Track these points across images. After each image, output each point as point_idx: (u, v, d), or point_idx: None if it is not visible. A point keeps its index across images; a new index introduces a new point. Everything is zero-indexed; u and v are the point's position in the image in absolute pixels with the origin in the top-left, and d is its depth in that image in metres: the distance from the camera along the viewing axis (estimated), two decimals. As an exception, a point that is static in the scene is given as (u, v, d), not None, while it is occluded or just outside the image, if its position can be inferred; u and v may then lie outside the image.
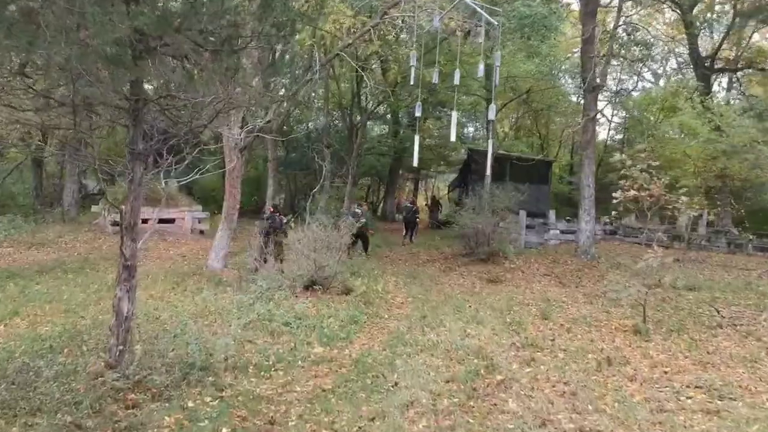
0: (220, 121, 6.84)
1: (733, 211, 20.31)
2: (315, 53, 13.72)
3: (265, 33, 5.84)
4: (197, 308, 9.90)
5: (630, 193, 9.49)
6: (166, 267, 14.65)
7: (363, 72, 14.85)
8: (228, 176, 13.83)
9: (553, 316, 10.89)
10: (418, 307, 11.51)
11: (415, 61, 9.52)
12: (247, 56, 5.99)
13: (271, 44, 6.06)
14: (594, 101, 17.49)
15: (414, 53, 9.43)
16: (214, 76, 5.46)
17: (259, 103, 6.36)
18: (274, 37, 6.00)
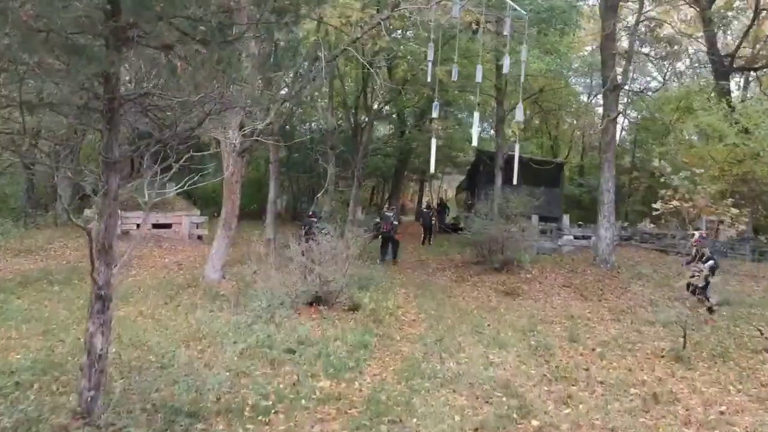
0: (214, 124, 5.88)
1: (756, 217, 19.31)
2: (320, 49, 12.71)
3: (264, 20, 4.89)
4: (190, 330, 8.94)
5: (672, 203, 8.50)
6: (160, 277, 13.71)
7: (371, 69, 13.88)
8: (226, 181, 12.88)
9: (581, 338, 9.91)
10: (432, 325, 10.54)
11: (432, 56, 8.54)
12: (244, 48, 5.01)
13: (272, 34, 5.09)
14: (615, 101, 16.53)
15: (431, 46, 8.45)
16: (202, 71, 4.50)
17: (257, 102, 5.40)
18: (274, 25, 5.04)
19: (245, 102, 5.12)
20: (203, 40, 4.73)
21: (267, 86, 6.27)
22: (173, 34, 4.79)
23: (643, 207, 29.22)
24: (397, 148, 29.66)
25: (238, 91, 5.09)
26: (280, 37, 5.45)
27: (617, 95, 16.75)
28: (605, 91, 15.95)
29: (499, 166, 21.53)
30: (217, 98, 4.78)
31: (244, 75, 4.78)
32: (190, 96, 4.57)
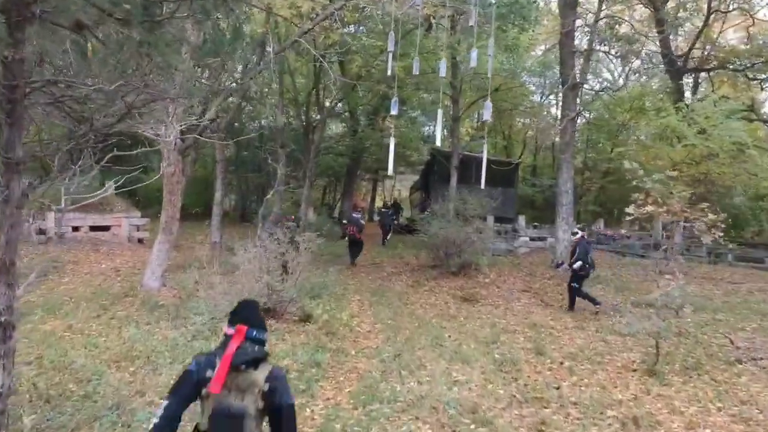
0: (144, 119, 5.05)
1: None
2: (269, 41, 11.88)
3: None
4: (122, 348, 8.03)
5: (646, 208, 7.99)
6: (94, 285, 12.66)
7: (323, 62, 13.11)
8: (166, 181, 11.94)
9: (547, 350, 9.35)
10: (390, 337, 9.84)
11: (392, 46, 7.83)
12: (178, 31, 4.21)
13: (209, 15, 4.30)
14: (574, 100, 16.11)
15: (392, 35, 7.74)
16: (121, 55, 3.70)
17: (190, 94, 4.61)
18: (211, 3, 4.27)
19: (177, 93, 4.32)
20: (125, 20, 3.93)
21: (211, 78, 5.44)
22: (89, 11, 3.97)
23: (596, 207, 29.26)
24: (349, 147, 28.89)
25: (168, 80, 4.29)
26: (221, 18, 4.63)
27: (576, 94, 16.34)
28: (565, 89, 15.52)
29: (454, 166, 20.99)
30: (140, 88, 3.97)
31: (174, 61, 3.98)
32: (103, 85, 3.75)
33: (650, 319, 8.49)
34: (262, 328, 3.32)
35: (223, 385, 3.03)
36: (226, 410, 3.05)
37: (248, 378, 3.10)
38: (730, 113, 16.06)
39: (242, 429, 3.06)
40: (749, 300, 13.65)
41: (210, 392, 3.03)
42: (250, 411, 3.08)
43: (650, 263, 18.23)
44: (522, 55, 19.50)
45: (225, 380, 3.04)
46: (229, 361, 3.06)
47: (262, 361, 3.20)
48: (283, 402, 3.12)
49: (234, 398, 3.08)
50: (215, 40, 4.08)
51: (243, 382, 3.09)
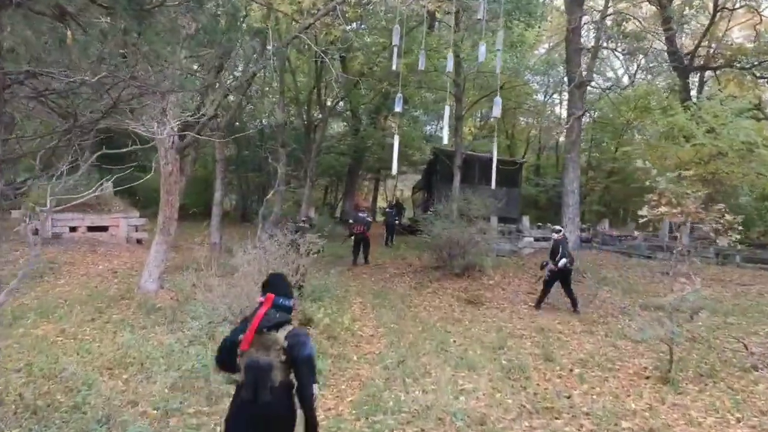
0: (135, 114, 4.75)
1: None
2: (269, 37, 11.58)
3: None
4: (116, 355, 7.73)
5: (660, 209, 7.67)
6: (90, 287, 12.36)
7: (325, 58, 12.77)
8: (164, 181, 11.65)
9: (556, 355, 9.04)
10: (393, 342, 9.54)
11: (397, 40, 7.51)
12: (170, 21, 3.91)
13: (202, 3, 4.00)
14: (581, 98, 15.79)
15: (397, 29, 7.42)
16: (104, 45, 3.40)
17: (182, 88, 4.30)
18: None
19: (168, 87, 4.02)
20: (109, 7, 3.64)
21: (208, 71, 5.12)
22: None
23: (600, 207, 28.91)
24: (351, 146, 28.58)
25: (158, 73, 3.99)
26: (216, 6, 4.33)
27: (583, 92, 16.02)
28: (571, 88, 15.20)
29: (457, 165, 20.67)
30: (126, 81, 3.67)
31: (164, 53, 3.68)
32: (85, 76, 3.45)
33: (663, 325, 8.12)
34: (287, 296, 4.13)
35: (250, 344, 3.89)
36: (255, 363, 3.89)
37: (271, 338, 3.89)
38: (739, 112, 15.73)
39: (269, 378, 3.87)
40: (760, 302, 13.33)
41: (241, 350, 3.91)
42: (274, 363, 3.88)
43: (657, 264, 17.99)
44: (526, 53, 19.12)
45: (252, 341, 3.88)
46: (255, 325, 3.89)
47: (286, 323, 4.00)
48: (300, 355, 3.84)
49: (261, 354, 3.89)
50: (209, 29, 3.77)
51: (267, 341, 3.89)
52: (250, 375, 3.90)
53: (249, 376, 3.91)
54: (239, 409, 4.01)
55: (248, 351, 3.90)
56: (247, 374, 3.93)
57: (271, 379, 3.87)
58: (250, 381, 3.90)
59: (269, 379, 3.87)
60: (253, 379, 3.88)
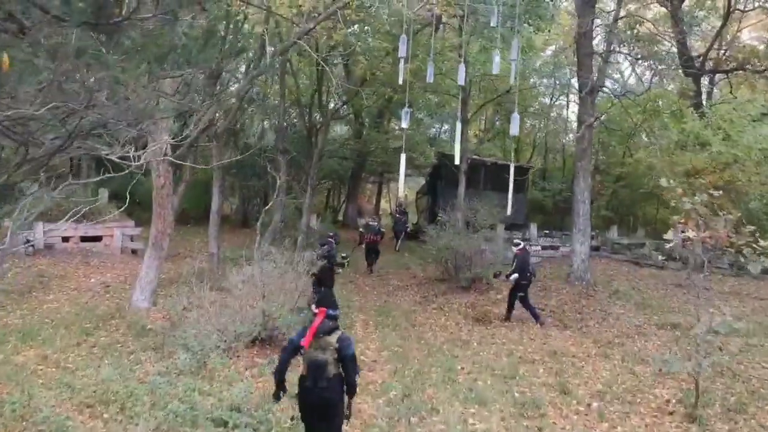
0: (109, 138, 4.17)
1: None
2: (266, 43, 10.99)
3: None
4: (98, 390, 7.14)
5: (688, 233, 7.06)
6: (81, 303, 11.80)
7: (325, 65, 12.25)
8: (156, 194, 11.09)
9: (571, 386, 8.44)
10: (397, 369, 8.94)
11: (404, 51, 6.90)
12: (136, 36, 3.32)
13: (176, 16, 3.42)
14: (592, 105, 15.16)
15: (404, 39, 6.81)
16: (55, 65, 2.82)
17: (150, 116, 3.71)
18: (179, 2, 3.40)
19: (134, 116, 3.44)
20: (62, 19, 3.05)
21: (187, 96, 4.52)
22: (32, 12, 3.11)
23: (608, 212, 28.23)
24: (354, 150, 27.95)
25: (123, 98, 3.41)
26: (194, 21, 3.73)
27: (594, 98, 15.39)
28: (584, 93, 14.58)
29: (462, 171, 20.07)
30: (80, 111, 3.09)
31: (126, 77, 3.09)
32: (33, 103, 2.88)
33: (690, 359, 7.51)
34: (335, 308, 5.52)
35: (310, 345, 5.17)
36: (315, 360, 5.19)
37: (326, 341, 5.21)
38: (756, 117, 15.10)
39: (325, 371, 5.17)
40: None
41: (304, 350, 5.21)
42: (329, 360, 5.18)
43: (670, 275, 17.36)
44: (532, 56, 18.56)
45: (311, 343, 5.17)
46: (314, 331, 5.20)
47: (336, 329, 5.34)
48: (347, 354, 5.20)
49: (318, 353, 5.19)
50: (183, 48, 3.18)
51: (323, 343, 5.21)
52: (311, 368, 5.27)
53: (310, 369, 5.28)
54: (303, 394, 5.41)
55: (309, 351, 5.24)
56: (308, 368, 5.30)
57: (327, 371, 5.22)
58: (311, 373, 5.27)
59: (325, 371, 5.22)
60: (313, 371, 5.25)
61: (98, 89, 3.35)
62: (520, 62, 18.16)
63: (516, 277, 12.06)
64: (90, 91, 3.06)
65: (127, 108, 3.30)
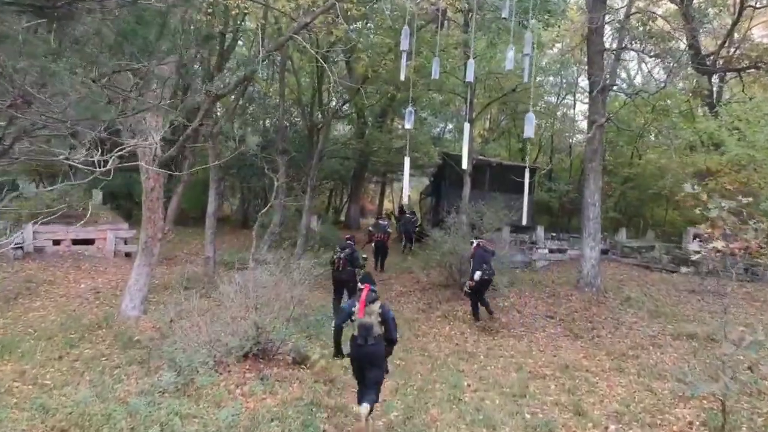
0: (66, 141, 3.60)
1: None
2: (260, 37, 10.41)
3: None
4: (75, 411, 6.59)
5: (716, 244, 6.47)
6: (68, 311, 11.26)
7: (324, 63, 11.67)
8: (145, 198, 10.54)
9: (586, 405, 7.87)
10: (399, 386, 8.38)
11: (407, 45, 6.31)
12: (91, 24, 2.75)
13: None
14: (603, 104, 14.55)
15: (406, 30, 6.23)
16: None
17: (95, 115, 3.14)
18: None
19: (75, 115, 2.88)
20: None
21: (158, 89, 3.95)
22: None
23: (616, 214, 27.61)
24: (356, 150, 27.36)
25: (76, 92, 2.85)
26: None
27: (605, 98, 14.78)
28: (596, 92, 13.96)
29: (467, 172, 19.48)
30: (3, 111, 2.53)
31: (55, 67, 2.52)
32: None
33: (717, 381, 6.91)
34: (373, 284, 7.07)
35: (361, 312, 6.64)
36: (364, 324, 6.62)
37: (372, 308, 6.70)
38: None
39: (372, 331, 6.60)
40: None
41: (357, 316, 6.64)
42: (374, 323, 6.63)
43: (682, 280, 16.78)
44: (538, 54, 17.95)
45: (363, 310, 6.64)
46: (363, 302, 6.69)
47: (377, 299, 6.84)
48: (388, 317, 6.69)
49: (366, 318, 6.63)
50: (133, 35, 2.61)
51: (369, 310, 6.68)
52: (362, 330, 6.64)
53: (361, 330, 6.65)
54: (355, 350, 6.74)
55: (360, 317, 6.65)
56: (359, 330, 6.66)
57: (373, 331, 6.63)
58: (362, 333, 6.64)
59: (372, 331, 6.62)
60: (364, 332, 6.63)
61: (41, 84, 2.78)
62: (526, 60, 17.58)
63: (479, 274, 11.91)
64: (18, 85, 2.50)
65: (66, 106, 2.73)
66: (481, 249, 12.46)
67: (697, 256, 6.70)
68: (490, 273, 12.17)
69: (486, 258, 12.27)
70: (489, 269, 12.14)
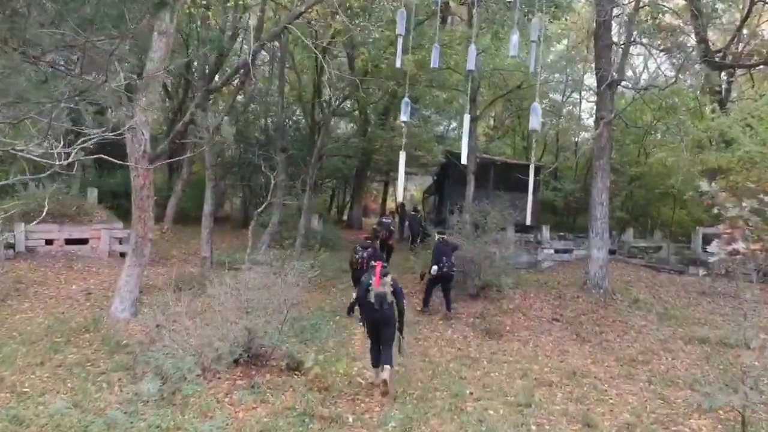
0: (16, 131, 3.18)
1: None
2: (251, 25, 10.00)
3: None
4: (50, 424, 6.18)
5: (737, 245, 6.03)
6: (56, 314, 10.83)
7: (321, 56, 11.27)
8: (135, 196, 10.13)
9: (595, 417, 7.42)
10: (398, 395, 7.92)
11: (402, 28, 5.88)
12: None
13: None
14: (611, 100, 14.09)
15: (402, 13, 5.79)
16: None
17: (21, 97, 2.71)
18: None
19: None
20: None
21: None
22: None
23: (623, 214, 27.11)
24: (358, 148, 26.93)
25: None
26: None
27: (614, 93, 14.32)
28: (602, 88, 13.52)
29: (471, 171, 19.06)
30: None
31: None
32: None
33: (737, 391, 6.47)
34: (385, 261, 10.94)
35: (378, 283, 8.07)
36: (379, 293, 8.03)
37: (385, 280, 8.14)
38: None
39: (386, 298, 8.02)
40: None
41: (374, 287, 8.05)
42: (387, 292, 8.06)
43: (691, 281, 16.30)
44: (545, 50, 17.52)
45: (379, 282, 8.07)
46: (379, 276, 8.13)
47: (389, 273, 8.41)
48: (397, 288, 8.27)
49: (381, 288, 8.06)
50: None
51: (384, 282, 8.11)
52: (378, 298, 8.02)
53: (377, 298, 8.01)
54: (372, 314, 8.18)
55: (377, 287, 8.05)
56: (376, 298, 8.02)
57: (387, 299, 8.03)
58: (378, 300, 8.00)
59: (386, 299, 8.03)
60: (379, 300, 8.01)
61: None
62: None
63: (435, 268, 12.36)
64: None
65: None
66: (441, 243, 12.83)
67: (715, 258, 6.23)
68: (449, 267, 12.49)
69: (445, 252, 12.55)
70: (448, 263, 12.44)
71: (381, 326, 8.15)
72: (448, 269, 12.46)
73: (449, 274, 12.56)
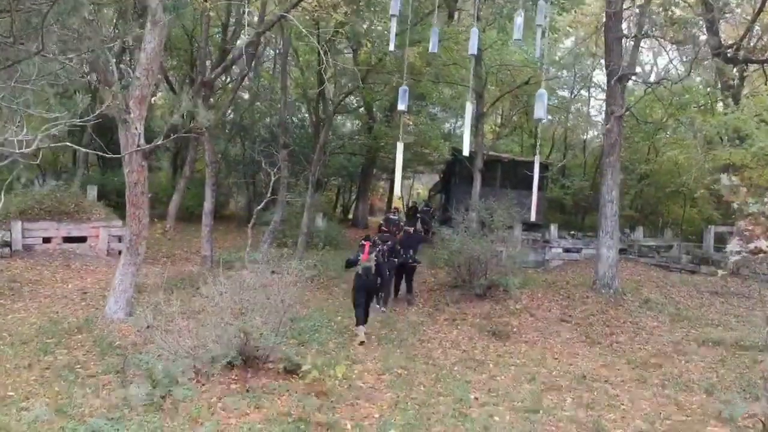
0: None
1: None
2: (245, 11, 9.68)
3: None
4: (29, 430, 5.86)
5: (759, 243, 5.65)
6: (49, 314, 10.52)
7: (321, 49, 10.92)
8: (129, 192, 9.81)
9: (606, 423, 7.05)
10: (399, 399, 7.58)
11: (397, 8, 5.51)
12: None
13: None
14: (622, 94, 13.69)
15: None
16: None
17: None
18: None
19: None
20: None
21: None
22: None
23: (633, 212, 26.65)
24: (364, 146, 26.62)
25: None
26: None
27: (624, 87, 13.92)
28: (613, 82, 13.12)
29: (478, 169, 18.71)
30: None
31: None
32: None
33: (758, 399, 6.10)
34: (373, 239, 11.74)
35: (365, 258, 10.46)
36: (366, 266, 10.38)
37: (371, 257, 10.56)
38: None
39: (371, 271, 10.48)
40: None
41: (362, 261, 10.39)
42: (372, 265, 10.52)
43: (703, 281, 15.88)
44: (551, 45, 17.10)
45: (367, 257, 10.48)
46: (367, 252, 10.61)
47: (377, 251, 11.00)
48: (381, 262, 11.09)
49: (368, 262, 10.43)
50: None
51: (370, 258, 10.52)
52: (365, 270, 10.19)
53: (365, 270, 10.18)
54: (361, 282, 10.26)
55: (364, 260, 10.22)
56: (363, 270, 10.14)
57: (371, 270, 10.29)
58: (364, 272, 10.19)
59: (371, 271, 10.30)
60: (366, 271, 10.21)
61: None
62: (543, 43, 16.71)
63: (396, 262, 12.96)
64: None
65: None
66: (407, 236, 14.28)
67: (736, 257, 5.85)
68: (414, 259, 13.65)
69: (410, 244, 13.75)
70: (411, 255, 13.50)
71: (364, 292, 10.32)
72: (413, 261, 13.63)
73: (412, 265, 13.70)
